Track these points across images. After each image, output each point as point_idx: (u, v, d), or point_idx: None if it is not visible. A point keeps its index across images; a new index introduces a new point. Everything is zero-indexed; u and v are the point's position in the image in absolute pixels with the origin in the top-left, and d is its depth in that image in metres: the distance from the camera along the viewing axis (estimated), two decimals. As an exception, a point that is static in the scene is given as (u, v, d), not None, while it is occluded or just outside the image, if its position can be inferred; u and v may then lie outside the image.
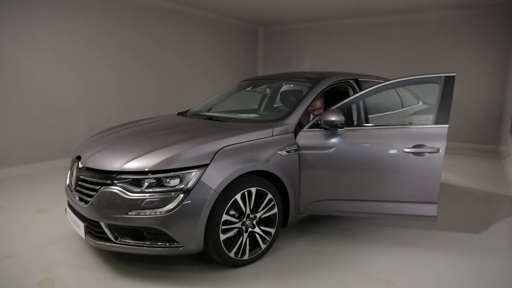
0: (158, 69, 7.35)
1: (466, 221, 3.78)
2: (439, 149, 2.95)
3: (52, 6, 5.51)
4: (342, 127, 3.02)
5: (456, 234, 3.45)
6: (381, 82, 4.25)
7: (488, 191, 4.83)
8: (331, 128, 3.05)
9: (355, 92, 3.82)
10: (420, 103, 4.72)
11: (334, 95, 3.88)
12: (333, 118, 2.98)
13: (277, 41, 10.00)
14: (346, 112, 3.24)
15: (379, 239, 3.32)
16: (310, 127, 3.12)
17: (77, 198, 2.73)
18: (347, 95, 3.88)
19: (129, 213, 2.42)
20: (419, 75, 3.24)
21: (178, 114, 4.01)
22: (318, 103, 3.55)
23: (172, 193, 2.43)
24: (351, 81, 3.87)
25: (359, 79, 3.95)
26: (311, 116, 3.63)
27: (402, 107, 4.34)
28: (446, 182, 5.18)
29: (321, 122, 3.05)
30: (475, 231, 3.52)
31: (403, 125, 3.29)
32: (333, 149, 3.07)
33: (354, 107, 3.54)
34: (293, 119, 3.13)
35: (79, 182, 2.75)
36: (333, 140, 3.08)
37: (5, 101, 5.14)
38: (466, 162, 6.54)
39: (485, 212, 4.06)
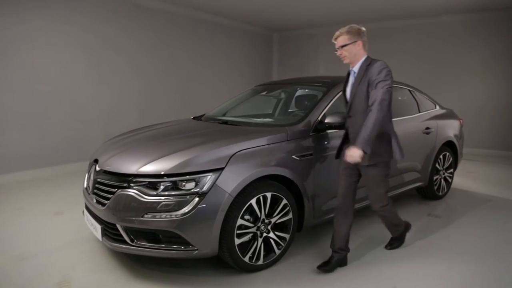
0: (175, 74, 7.43)
1: (485, 229, 3.69)
2: None
3: (71, 10, 5.63)
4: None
5: (475, 241, 3.37)
6: (398, 87, 4.26)
7: (508, 198, 4.71)
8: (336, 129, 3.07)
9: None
10: (437, 107, 4.67)
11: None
12: (333, 120, 3.00)
13: (292, 46, 10.01)
14: None
15: (395, 246, 3.27)
16: (316, 130, 3.11)
17: (94, 201, 2.76)
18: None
19: (145, 216, 2.44)
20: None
21: (194, 118, 4.04)
22: None
23: (188, 197, 2.44)
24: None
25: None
26: None
27: (419, 112, 4.30)
28: (465, 189, 5.08)
29: (327, 124, 3.05)
30: (495, 239, 3.43)
31: None
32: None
33: None
34: (308, 124, 3.12)
35: (97, 185, 2.79)
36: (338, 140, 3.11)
37: (24, 106, 5.25)
38: (485, 169, 6.41)
39: (505, 219, 3.95)
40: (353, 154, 2.47)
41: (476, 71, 7.58)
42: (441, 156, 4.45)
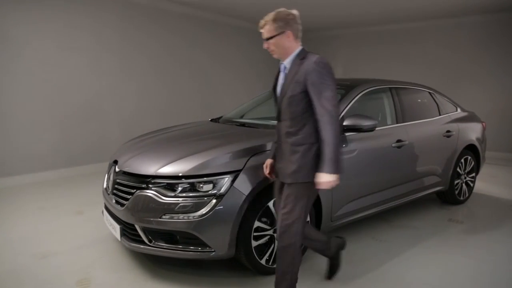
0: (194, 76, 7.50)
1: (508, 235, 3.58)
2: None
3: (90, 10, 5.75)
4: (372, 130, 3.03)
5: (498, 247, 3.28)
6: (418, 89, 4.19)
7: (533, 204, 4.57)
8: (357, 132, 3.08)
9: (389, 100, 3.76)
10: (459, 110, 4.58)
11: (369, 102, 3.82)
12: (351, 123, 2.99)
13: (309, 48, 9.84)
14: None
15: (413, 250, 3.21)
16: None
17: (114, 201, 2.80)
18: (381, 102, 3.81)
19: (163, 216, 2.46)
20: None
21: (212, 120, 4.06)
22: None
23: (205, 198, 2.45)
24: (386, 88, 3.80)
25: (395, 86, 3.88)
26: None
27: (440, 114, 4.23)
28: (487, 194, 4.95)
29: (345, 127, 3.03)
30: (519, 246, 3.34)
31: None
32: (356, 151, 3.17)
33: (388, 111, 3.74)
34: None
35: (116, 186, 2.83)
36: (358, 143, 3.19)
37: (46, 107, 5.38)
38: (509, 173, 6.23)
39: (530, 226, 3.84)
40: (325, 181, 2.02)
41: (499, 72, 7.38)
42: (462, 160, 4.35)
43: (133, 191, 2.64)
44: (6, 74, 4.96)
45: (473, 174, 4.61)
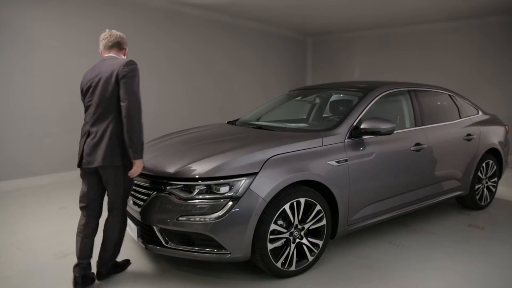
0: (212, 78, 7.56)
1: (532, 242, 3.49)
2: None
3: (112, 12, 5.86)
4: (391, 133, 3.07)
5: (521, 256, 3.20)
6: (437, 92, 4.13)
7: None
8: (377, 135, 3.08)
9: (408, 102, 3.72)
10: (480, 112, 4.48)
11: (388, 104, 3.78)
12: (369, 126, 3.02)
13: (326, 50, 9.92)
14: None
15: (432, 256, 3.15)
16: (354, 136, 3.08)
17: (131, 202, 2.85)
18: (400, 105, 3.77)
19: (180, 218, 2.49)
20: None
21: (228, 123, 4.08)
22: None
23: (221, 200, 2.46)
24: (404, 90, 3.75)
25: (414, 89, 3.83)
26: None
27: (460, 117, 4.15)
28: (510, 199, 4.82)
29: (362, 130, 3.04)
30: (543, 253, 3.24)
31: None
32: (374, 155, 3.14)
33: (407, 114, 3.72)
34: (343, 129, 3.08)
35: (134, 187, 2.87)
36: (376, 146, 3.16)
37: (66, 110, 5.50)
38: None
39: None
40: None
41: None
42: (484, 164, 4.26)
43: (150, 192, 2.67)
44: (35, 78, 5.10)
45: (495, 179, 4.50)
